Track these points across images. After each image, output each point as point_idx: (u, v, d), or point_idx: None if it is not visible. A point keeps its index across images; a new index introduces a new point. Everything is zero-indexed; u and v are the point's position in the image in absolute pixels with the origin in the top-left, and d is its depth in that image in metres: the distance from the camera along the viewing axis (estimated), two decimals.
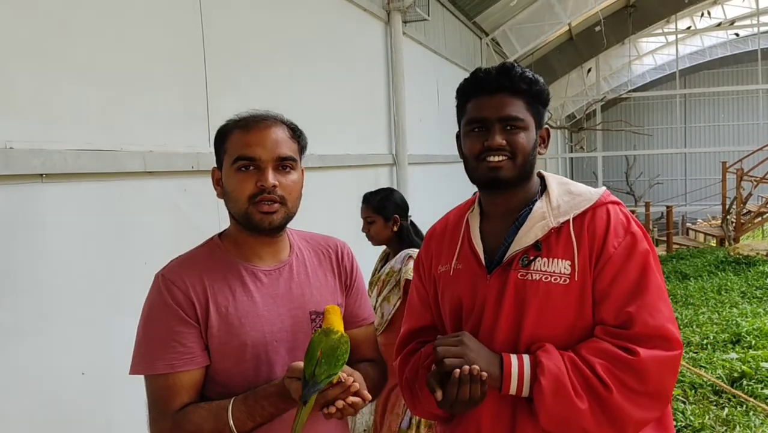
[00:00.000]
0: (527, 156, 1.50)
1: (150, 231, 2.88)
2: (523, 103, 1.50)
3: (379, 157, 5.93)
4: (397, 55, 6.11)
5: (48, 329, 2.35)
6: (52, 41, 2.39)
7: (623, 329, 1.40)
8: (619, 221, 1.49)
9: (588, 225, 1.47)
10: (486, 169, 1.49)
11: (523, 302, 1.46)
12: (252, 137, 1.46)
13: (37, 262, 2.32)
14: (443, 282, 1.62)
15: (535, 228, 1.49)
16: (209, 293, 1.45)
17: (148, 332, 1.45)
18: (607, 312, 1.43)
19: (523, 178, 1.53)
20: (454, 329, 1.59)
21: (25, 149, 2.26)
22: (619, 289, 1.43)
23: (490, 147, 1.48)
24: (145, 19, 2.91)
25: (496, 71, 1.51)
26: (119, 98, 2.73)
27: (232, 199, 1.47)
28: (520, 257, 1.49)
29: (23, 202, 2.29)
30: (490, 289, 1.50)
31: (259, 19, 3.93)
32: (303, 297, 1.54)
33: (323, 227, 3.32)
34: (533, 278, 1.46)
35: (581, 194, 1.53)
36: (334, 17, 5.06)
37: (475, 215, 1.63)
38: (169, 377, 1.41)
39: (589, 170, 22.74)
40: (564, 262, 1.45)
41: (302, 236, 1.67)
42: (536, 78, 1.53)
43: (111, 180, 2.68)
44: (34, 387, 2.28)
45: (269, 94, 4.00)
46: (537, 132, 1.54)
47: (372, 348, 1.72)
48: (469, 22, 9.75)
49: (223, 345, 1.45)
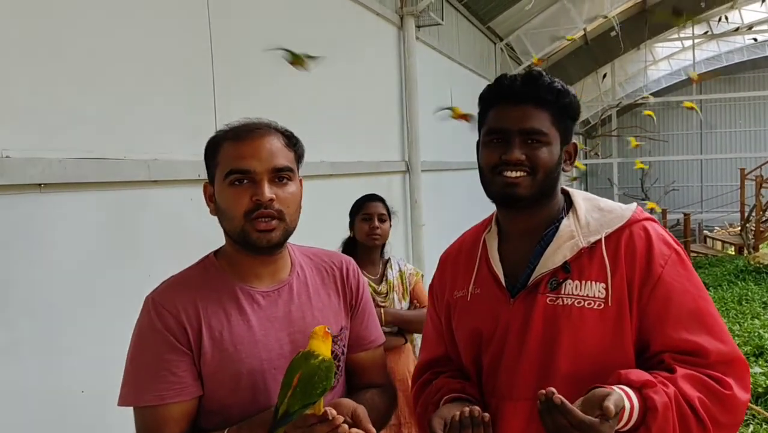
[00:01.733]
0: (548, 173, 1.39)
1: (154, 242, 2.79)
2: (548, 115, 1.39)
3: (392, 165, 5.82)
4: (410, 60, 6.00)
5: (46, 345, 2.25)
6: (51, 46, 2.31)
7: (696, 357, 1.29)
8: (660, 237, 1.38)
9: (626, 244, 1.36)
10: (501, 184, 1.39)
11: (554, 329, 1.35)
12: (245, 148, 1.35)
13: (35, 276, 2.23)
14: (459, 308, 1.52)
15: (563, 248, 1.38)
16: (202, 317, 1.34)
17: (136, 360, 1.34)
18: (669, 338, 1.31)
19: (544, 196, 1.42)
20: (471, 358, 1.48)
21: (23, 158, 2.17)
22: (677, 312, 1.32)
23: (507, 161, 1.37)
24: (152, 23, 2.82)
25: (522, 80, 1.41)
26: (122, 105, 2.65)
27: (227, 216, 1.36)
28: (548, 279, 1.37)
29: (21, 214, 2.20)
30: (514, 314, 1.39)
31: (269, 24, 3.84)
32: (304, 320, 1.42)
33: (334, 235, 3.24)
34: (565, 303, 1.35)
35: (612, 211, 1.43)
36: (345, 22, 4.96)
37: (492, 236, 1.51)
38: (158, 408, 1.30)
39: (603, 177, 22.52)
40: (598, 285, 1.34)
41: (305, 253, 1.55)
42: (566, 89, 1.42)
43: (113, 189, 2.59)
44: (32, 405, 2.19)
45: (279, 100, 3.91)
46: (562, 147, 1.43)
47: (380, 373, 1.59)
48: (483, 27, 9.64)
49: (217, 373, 1.34)
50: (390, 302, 3.01)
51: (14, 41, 2.16)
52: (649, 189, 22.03)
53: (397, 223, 3.32)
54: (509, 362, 1.39)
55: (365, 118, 5.29)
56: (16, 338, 2.14)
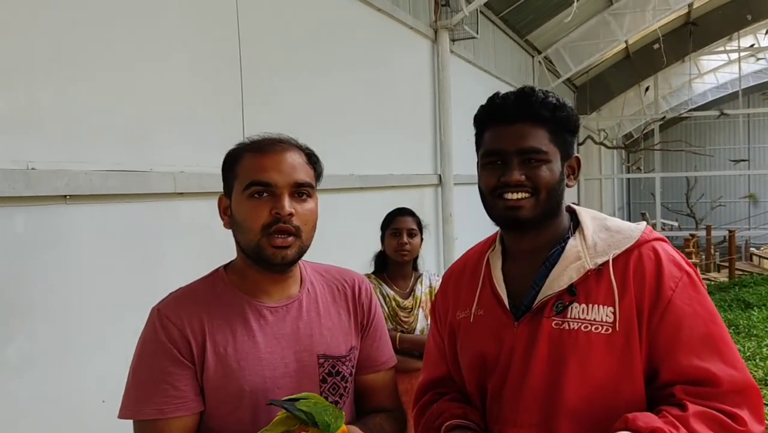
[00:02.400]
0: (551, 191, 1.34)
1: (180, 253, 2.81)
2: (545, 132, 1.34)
3: (423, 178, 5.79)
4: (444, 73, 5.98)
5: (69, 354, 2.28)
6: (77, 60, 2.35)
7: (706, 386, 1.22)
8: (671, 259, 1.31)
9: (635, 266, 1.30)
10: (503, 208, 1.34)
11: (560, 355, 1.29)
12: (267, 161, 1.32)
13: (59, 286, 2.27)
14: (463, 330, 1.46)
15: (569, 270, 1.32)
16: (207, 331, 1.32)
17: (138, 372, 1.33)
18: (680, 366, 1.24)
19: (548, 215, 1.37)
20: (475, 382, 1.43)
21: (48, 170, 2.21)
22: (688, 338, 1.25)
23: (507, 183, 1.32)
24: (179, 36, 2.86)
25: (515, 97, 1.37)
26: (149, 118, 2.68)
27: (244, 229, 1.33)
28: (554, 302, 1.32)
29: (46, 224, 2.24)
30: (518, 338, 1.34)
31: (299, 37, 3.87)
32: (311, 338, 1.39)
33: (364, 248, 3.22)
34: (571, 327, 1.29)
35: (620, 231, 1.36)
36: (378, 35, 4.97)
37: (496, 255, 1.46)
38: (158, 423, 1.28)
39: (646, 191, 22.11)
40: (606, 308, 1.28)
41: (317, 269, 1.52)
42: (562, 102, 1.37)
43: (139, 201, 2.62)
44: (53, 414, 2.22)
45: (308, 113, 3.92)
46: (564, 163, 1.38)
47: (390, 397, 1.54)
48: (520, 40, 9.57)
49: (219, 390, 1.31)
50: (414, 318, 2.98)
51: (41, 56, 2.21)
52: (695, 204, 21.55)
53: (429, 237, 3.28)
54: (513, 388, 1.34)
55: (397, 131, 5.28)
56: (37, 347, 2.17)
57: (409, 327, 2.95)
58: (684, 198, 21.79)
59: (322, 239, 4.20)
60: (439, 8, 6.03)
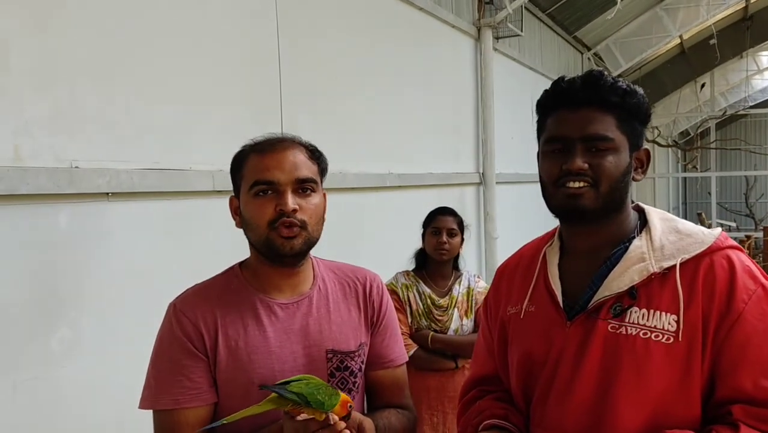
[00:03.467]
0: (614, 183, 1.26)
1: (217, 250, 2.88)
2: (613, 119, 1.26)
3: (464, 176, 5.78)
4: (487, 71, 5.96)
5: (110, 345, 2.38)
6: (119, 60, 2.45)
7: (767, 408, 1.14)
8: (746, 269, 1.22)
9: (705, 274, 1.21)
10: (564, 196, 1.27)
11: (614, 360, 1.22)
12: (269, 160, 1.38)
13: (101, 279, 2.37)
14: (512, 326, 1.41)
15: (631, 271, 1.24)
16: (220, 326, 1.38)
17: (156, 365, 1.40)
18: (743, 384, 1.16)
19: (611, 209, 1.28)
20: (522, 382, 1.37)
21: (91, 168, 2.31)
22: (756, 356, 1.17)
23: (569, 171, 1.25)
24: (219, 36, 2.94)
25: (582, 81, 1.28)
26: (188, 117, 2.77)
27: (252, 226, 1.40)
28: (612, 304, 1.24)
29: (88, 221, 2.34)
30: (569, 339, 1.27)
31: (339, 36, 3.92)
32: (321, 334, 1.44)
33: (403, 246, 3.25)
34: (628, 332, 1.21)
35: (692, 235, 1.27)
36: (419, 34, 4.99)
37: (553, 250, 1.39)
38: (174, 412, 1.35)
39: (703, 191, 21.44)
40: (669, 316, 1.20)
41: (329, 267, 1.57)
42: (632, 89, 1.28)
43: (178, 199, 2.71)
44: (93, 405, 2.32)
45: (347, 113, 3.97)
46: (632, 154, 1.30)
47: (399, 394, 1.56)
48: (569, 37, 9.43)
49: (230, 382, 1.38)
50: (449, 317, 2.98)
51: (84, 59, 2.31)
52: (754, 205, 20.82)
53: (469, 236, 3.29)
54: (560, 391, 1.27)
55: (438, 129, 5.29)
56: (79, 338, 2.28)
57: (443, 326, 2.97)
58: (743, 198, 21.07)
59: (359, 237, 4.27)
60: (483, 6, 6.00)
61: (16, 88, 2.09)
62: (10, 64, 2.07)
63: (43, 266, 2.18)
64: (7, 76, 2.06)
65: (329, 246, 3.72)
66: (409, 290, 3.02)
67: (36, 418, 2.13)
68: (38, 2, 2.15)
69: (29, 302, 2.12)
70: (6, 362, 2.05)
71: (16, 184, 2.04)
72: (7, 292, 2.05)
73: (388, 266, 3.22)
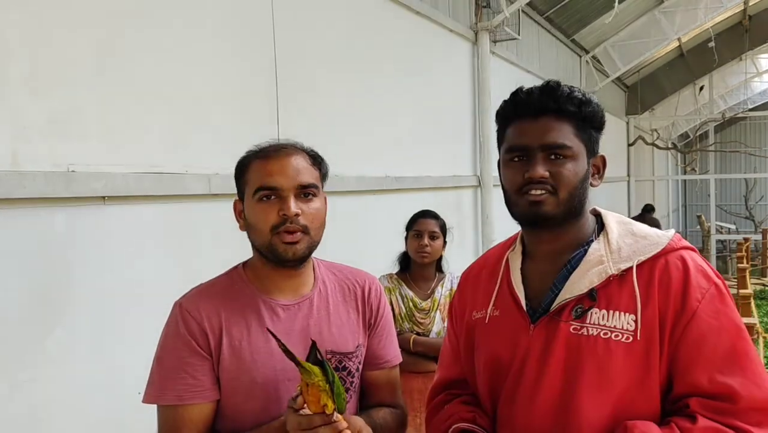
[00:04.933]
0: (573, 189, 1.30)
1: (213, 253, 2.91)
2: (571, 127, 1.32)
3: (462, 179, 5.81)
4: (484, 74, 5.99)
5: (105, 347, 2.41)
6: (115, 64, 2.47)
7: (724, 401, 1.18)
8: (699, 268, 1.27)
9: (660, 275, 1.26)
10: (527, 204, 1.31)
11: (577, 360, 1.26)
12: (272, 166, 1.42)
13: (96, 282, 2.39)
14: (478, 330, 1.44)
15: (591, 274, 1.29)
16: (224, 326, 1.43)
17: (161, 361, 1.44)
18: (699, 380, 1.20)
19: (571, 214, 1.33)
20: (488, 385, 1.41)
21: (87, 172, 2.34)
22: (711, 352, 1.21)
23: (531, 179, 1.29)
24: (214, 41, 2.97)
25: (539, 91, 1.33)
26: (185, 121, 2.80)
27: (255, 230, 1.44)
28: (573, 306, 1.28)
29: (84, 224, 2.36)
30: (533, 341, 1.31)
31: (335, 41, 3.94)
32: (320, 335, 1.48)
33: (400, 249, 3.27)
34: (590, 333, 1.25)
35: (647, 237, 1.32)
36: (416, 38, 5.01)
37: (516, 255, 1.43)
38: (177, 408, 1.39)
39: (702, 193, 21.48)
40: (627, 316, 1.24)
41: (330, 268, 1.62)
42: (588, 98, 1.34)
43: (174, 202, 2.74)
44: (89, 405, 2.34)
45: (343, 117, 4.00)
46: (589, 161, 1.35)
47: (393, 393, 1.62)
48: (566, 40, 9.47)
49: (233, 380, 1.42)
50: (431, 320, 3.01)
51: (82, 62, 2.34)
52: (754, 207, 20.84)
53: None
54: (526, 393, 1.31)
55: (435, 132, 5.32)
56: (76, 340, 2.30)
57: (425, 329, 3.00)
58: (743, 200, 21.10)
59: (356, 239, 4.29)
60: (480, 10, 6.03)
61: (14, 94, 2.11)
62: (8, 70, 2.10)
63: (39, 269, 2.21)
64: (4, 81, 2.09)
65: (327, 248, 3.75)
66: (392, 293, 3.05)
67: (33, 418, 2.15)
68: (36, 9, 2.17)
69: (26, 304, 2.15)
70: (3, 364, 2.07)
71: (13, 188, 2.07)
72: (4, 294, 2.08)
73: (385, 269, 3.25)
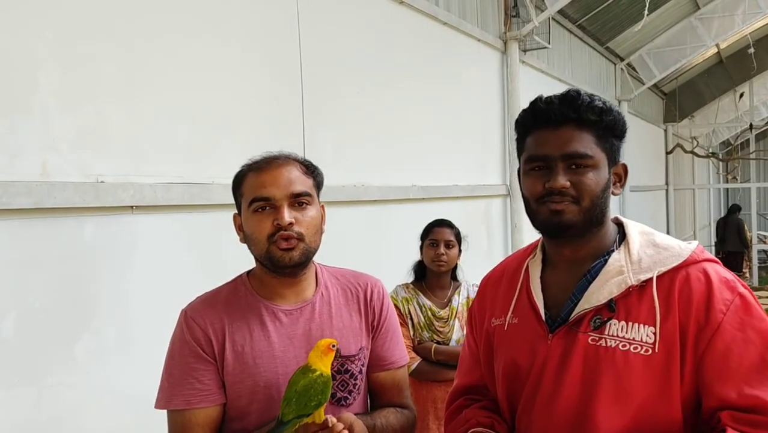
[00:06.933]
0: (595, 199, 1.29)
1: (238, 262, 2.94)
2: (592, 136, 1.30)
3: (491, 188, 5.80)
4: (514, 84, 5.98)
5: (132, 353, 2.47)
6: (143, 77, 2.55)
7: (756, 414, 1.16)
8: (723, 279, 1.25)
9: (681, 287, 1.24)
10: (548, 213, 1.30)
11: (594, 372, 1.25)
12: (265, 178, 1.48)
13: (124, 289, 2.46)
14: (497, 337, 1.45)
15: (610, 284, 1.28)
16: (227, 331, 1.48)
17: (169, 368, 1.50)
18: (728, 393, 1.18)
19: (592, 224, 1.32)
20: (507, 392, 1.41)
21: (116, 183, 2.41)
22: (738, 365, 1.19)
23: (552, 189, 1.28)
24: (241, 53, 3.04)
25: (560, 100, 1.32)
26: (211, 133, 2.86)
27: (253, 241, 1.49)
28: (592, 317, 1.28)
29: (113, 233, 2.44)
30: (551, 351, 1.30)
31: (361, 51, 3.98)
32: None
33: None
34: (608, 344, 1.25)
35: (669, 248, 1.30)
36: (444, 49, 5.04)
37: (536, 263, 1.42)
38: (185, 413, 1.45)
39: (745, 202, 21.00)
40: (647, 328, 1.23)
41: (333, 273, 1.65)
42: (608, 107, 1.33)
43: (201, 211, 2.80)
44: (116, 411, 2.40)
45: (369, 127, 4.03)
46: (610, 170, 1.34)
47: (400, 394, 1.65)
48: (600, 48, 9.38)
49: (237, 384, 1.47)
50: (450, 328, 3.02)
51: (111, 75, 2.42)
52: None
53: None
54: (544, 402, 1.31)
55: (464, 142, 5.32)
56: (103, 346, 2.37)
57: (444, 337, 3.00)
58: None
59: (381, 248, 4.30)
60: (510, 19, 6.03)
61: (44, 106, 2.20)
62: (38, 83, 2.18)
63: (68, 276, 2.28)
64: (35, 94, 2.17)
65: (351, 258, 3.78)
66: (410, 303, 3.06)
67: (60, 423, 2.22)
68: (65, 24, 2.26)
69: (54, 311, 2.22)
70: (32, 369, 2.14)
71: (43, 198, 2.15)
72: (34, 301, 2.15)
73: (410, 278, 3.27)
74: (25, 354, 2.12)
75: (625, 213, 10.50)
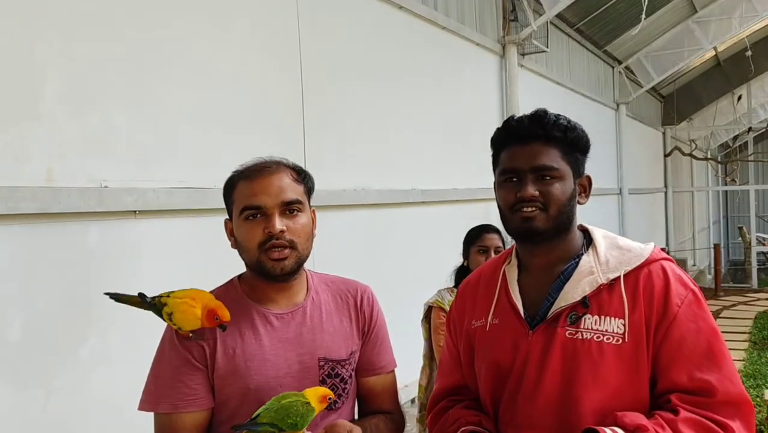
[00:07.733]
0: (562, 207, 1.43)
1: (241, 266, 2.99)
2: (558, 151, 1.44)
3: (490, 192, 5.78)
4: (512, 87, 6.01)
5: (136, 355, 2.49)
6: (147, 84, 2.59)
7: (702, 396, 1.31)
8: (678, 277, 1.41)
9: (645, 283, 1.39)
10: (520, 220, 1.43)
11: (573, 363, 1.38)
12: (256, 186, 1.47)
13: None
14: (478, 338, 1.54)
15: (583, 283, 1.41)
16: (218, 335, 1.48)
17: (156, 371, 1.49)
18: (679, 377, 1.33)
19: (560, 229, 1.45)
20: (490, 388, 1.50)
21: (119, 188, 2.45)
22: (690, 352, 1.34)
23: (522, 198, 1.42)
24: (242, 60, 3.07)
25: (529, 119, 1.47)
26: (213, 138, 2.90)
27: (244, 248, 1.49)
28: (568, 313, 1.40)
29: (116, 237, 2.47)
30: (532, 346, 1.42)
31: (361, 56, 4.02)
32: (314, 342, 1.53)
33: (425, 261, 3.33)
34: (584, 337, 1.37)
35: (631, 250, 1.45)
36: (443, 53, 5.07)
37: (512, 268, 1.54)
38: (172, 416, 1.44)
39: (744, 205, 21.02)
40: (617, 320, 1.37)
41: (323, 279, 1.66)
42: (572, 125, 1.47)
43: (202, 216, 2.83)
44: (122, 413, 2.42)
45: (369, 131, 4.07)
46: (575, 181, 1.47)
47: (389, 399, 1.66)
48: (598, 51, 9.42)
49: (227, 387, 1.46)
50: None
51: (115, 82, 2.45)
52: None
53: None
54: (527, 394, 1.41)
55: (463, 145, 5.35)
56: (109, 349, 2.40)
57: None
58: None
59: (381, 252, 4.31)
60: (508, 23, 6.07)
61: (50, 113, 2.23)
62: (44, 90, 2.22)
63: (73, 280, 2.31)
64: (41, 100, 2.21)
65: (352, 261, 3.81)
66: None
67: (66, 425, 2.25)
68: (70, 31, 2.29)
69: (60, 314, 2.25)
70: (38, 371, 2.17)
71: (48, 204, 2.18)
72: (40, 305, 2.18)
73: (410, 281, 3.30)
74: (31, 357, 2.15)
75: (624, 215, 10.54)
